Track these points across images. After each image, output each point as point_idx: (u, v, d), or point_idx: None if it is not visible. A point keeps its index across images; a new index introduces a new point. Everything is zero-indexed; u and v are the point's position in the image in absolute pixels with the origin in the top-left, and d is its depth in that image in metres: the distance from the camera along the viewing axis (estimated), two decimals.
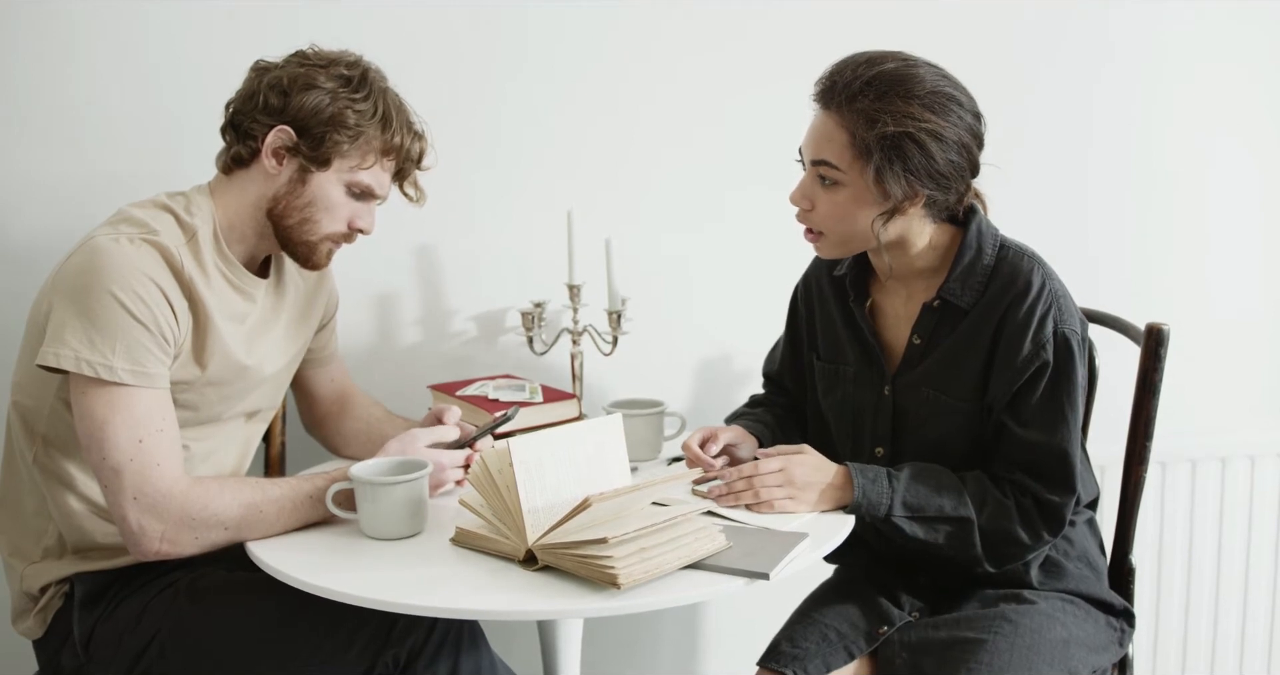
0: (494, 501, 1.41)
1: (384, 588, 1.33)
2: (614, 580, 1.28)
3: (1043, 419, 1.55)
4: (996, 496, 1.56)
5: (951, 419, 1.60)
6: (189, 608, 1.53)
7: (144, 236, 1.49)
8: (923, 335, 1.63)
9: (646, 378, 2.21)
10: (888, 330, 1.69)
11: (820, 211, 1.57)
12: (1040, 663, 1.49)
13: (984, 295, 1.58)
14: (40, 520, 1.58)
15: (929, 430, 1.63)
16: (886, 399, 1.66)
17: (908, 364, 1.65)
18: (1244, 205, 2.46)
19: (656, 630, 2.38)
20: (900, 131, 1.48)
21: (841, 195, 1.54)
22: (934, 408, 1.61)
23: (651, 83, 2.17)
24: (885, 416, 1.66)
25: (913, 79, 1.50)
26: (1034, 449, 1.55)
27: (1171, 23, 2.34)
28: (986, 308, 1.57)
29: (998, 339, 1.56)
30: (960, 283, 1.59)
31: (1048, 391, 1.54)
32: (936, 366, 1.61)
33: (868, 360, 1.69)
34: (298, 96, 1.55)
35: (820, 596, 1.73)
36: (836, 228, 1.57)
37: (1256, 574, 2.46)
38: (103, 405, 1.43)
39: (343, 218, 1.61)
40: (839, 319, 1.74)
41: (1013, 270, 1.57)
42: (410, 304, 2.13)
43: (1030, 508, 1.55)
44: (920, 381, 1.63)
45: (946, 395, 1.60)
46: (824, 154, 1.53)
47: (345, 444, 1.87)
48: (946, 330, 1.61)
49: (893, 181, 1.50)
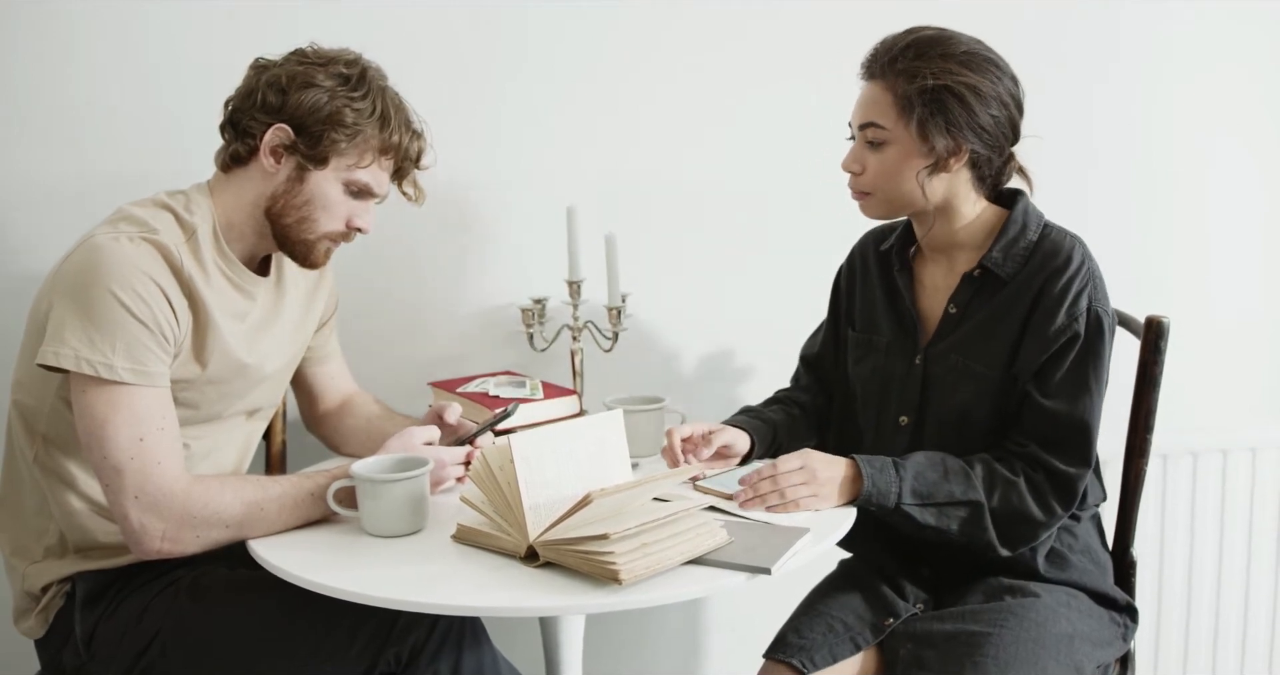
0: (495, 498, 1.41)
1: (385, 585, 1.33)
2: (616, 576, 1.28)
3: (1067, 390, 1.57)
4: (1005, 476, 1.57)
5: (976, 386, 1.63)
6: (190, 606, 1.53)
7: (143, 235, 1.49)
8: (959, 304, 1.67)
9: (647, 374, 2.21)
10: (925, 300, 1.73)
11: (869, 172, 1.63)
12: (1045, 657, 1.50)
13: (1024, 267, 1.62)
14: (41, 519, 1.59)
15: (954, 398, 1.65)
16: (917, 368, 1.69)
17: (941, 334, 1.68)
18: (1245, 202, 2.45)
19: (659, 626, 2.38)
20: (940, 84, 1.55)
21: (889, 153, 1.61)
22: (960, 375, 1.64)
23: (653, 79, 2.17)
24: (914, 385, 1.69)
25: (950, 40, 1.59)
26: (1055, 418, 1.57)
27: (1173, 22, 2.34)
28: (1026, 279, 1.61)
29: (1033, 310, 1.59)
30: (1003, 253, 1.63)
31: (1075, 364, 1.58)
32: (969, 335, 1.65)
33: (902, 330, 1.73)
34: (296, 94, 1.55)
35: (826, 589, 1.74)
36: (885, 185, 1.63)
37: (1258, 567, 2.46)
38: (103, 404, 1.43)
39: (341, 216, 1.61)
40: (879, 291, 1.79)
41: (1055, 245, 1.61)
42: (410, 301, 2.13)
43: (1041, 482, 1.57)
44: (950, 350, 1.66)
45: (974, 362, 1.63)
46: (870, 116, 1.61)
47: (346, 442, 1.87)
48: (983, 300, 1.65)
49: (936, 133, 1.57)
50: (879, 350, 1.76)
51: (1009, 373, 1.61)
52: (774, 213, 2.24)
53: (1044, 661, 1.49)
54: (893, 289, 1.76)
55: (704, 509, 1.47)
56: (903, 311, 1.74)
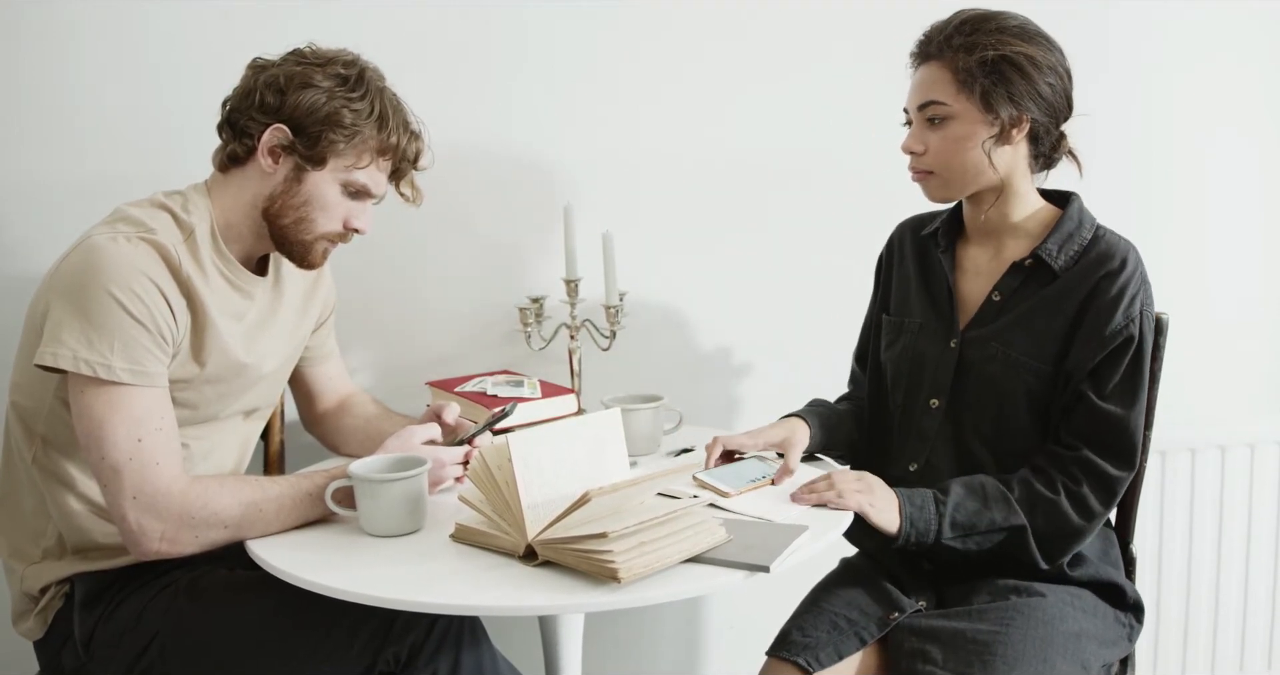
0: (493, 497, 1.41)
1: (384, 585, 1.33)
2: (614, 574, 1.28)
3: (1122, 393, 1.59)
4: (1045, 496, 1.59)
5: (1016, 376, 1.64)
6: (189, 607, 1.53)
7: (141, 235, 1.48)
8: (1004, 292, 1.68)
9: (645, 372, 2.21)
10: (966, 285, 1.74)
11: (933, 149, 1.64)
12: (1054, 655, 1.49)
13: (1077, 263, 1.63)
14: (40, 520, 1.59)
15: (991, 386, 1.66)
16: (952, 351, 1.70)
17: (980, 320, 1.69)
18: (1244, 197, 2.45)
19: (658, 624, 2.38)
20: (999, 55, 1.58)
21: (952, 128, 1.62)
22: (1001, 364, 1.65)
23: (650, 77, 2.17)
24: (947, 369, 1.70)
25: (1001, 15, 1.63)
26: (1109, 421, 1.59)
27: (1171, 16, 2.34)
28: (1079, 275, 1.62)
29: (1086, 307, 1.60)
30: (1058, 245, 1.64)
31: (1130, 367, 1.59)
32: (1012, 325, 1.65)
33: (937, 312, 1.74)
34: (294, 95, 1.55)
35: (828, 585, 1.74)
36: (950, 162, 1.64)
37: (1257, 562, 2.46)
38: (101, 404, 1.43)
39: (338, 217, 1.61)
40: (915, 272, 1.80)
41: (1110, 246, 1.63)
42: (408, 300, 2.13)
43: (1084, 491, 1.58)
44: (991, 337, 1.66)
45: (1014, 351, 1.64)
46: (929, 95, 1.62)
47: (344, 441, 1.87)
48: (1030, 290, 1.66)
49: (1000, 103, 1.59)
50: (911, 332, 1.77)
51: (1056, 367, 1.62)
52: (772, 211, 2.24)
53: (1053, 659, 1.49)
54: (930, 271, 1.78)
55: (704, 506, 1.47)
56: (939, 293, 1.75)
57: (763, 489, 1.64)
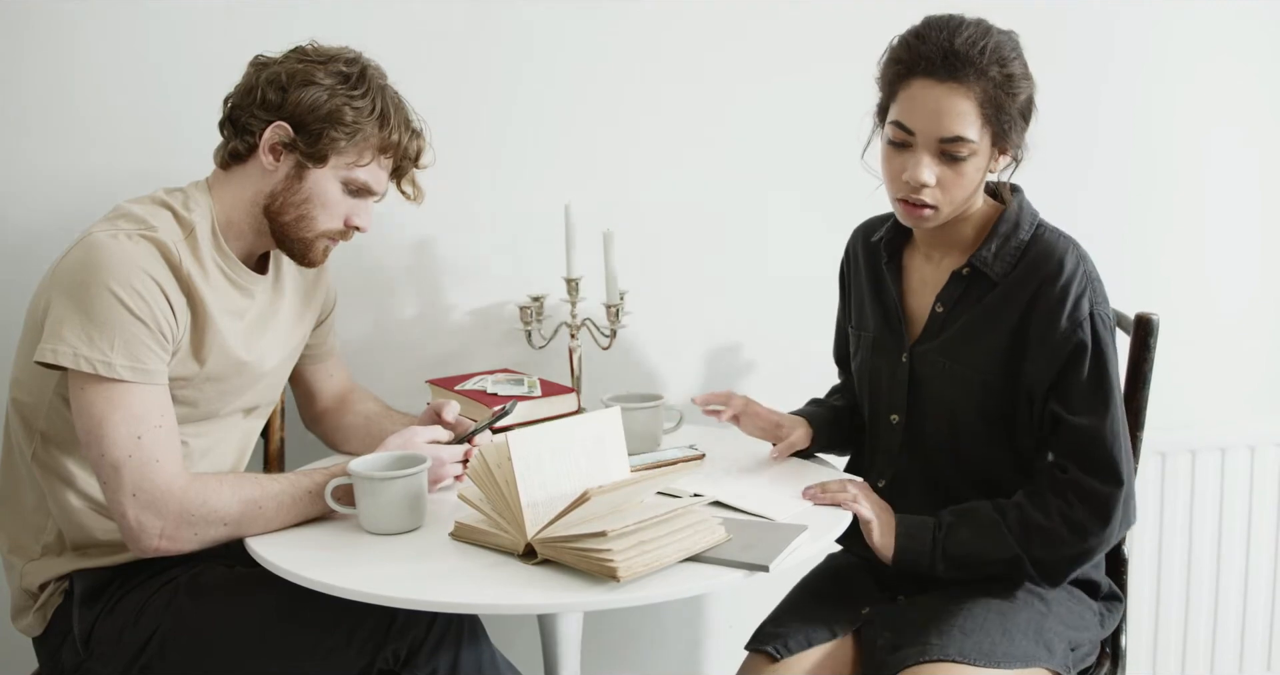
0: (493, 496, 1.41)
1: (383, 583, 1.33)
2: (613, 573, 1.28)
3: (1090, 405, 1.53)
4: (1039, 523, 1.54)
5: (966, 391, 1.60)
6: (189, 604, 1.53)
7: (142, 232, 1.49)
8: (946, 303, 1.63)
9: (645, 371, 2.21)
10: (913, 297, 1.69)
11: (946, 186, 1.54)
12: (1014, 630, 1.50)
13: (1015, 269, 1.57)
14: (39, 517, 1.59)
15: (943, 401, 1.63)
16: (904, 366, 1.66)
17: (928, 333, 1.64)
18: (1243, 198, 2.45)
19: (657, 623, 2.38)
20: (1029, 96, 1.54)
21: (972, 166, 1.53)
22: (948, 378, 1.61)
23: (652, 76, 2.16)
24: (901, 384, 1.66)
25: (1011, 40, 1.55)
26: (1083, 435, 1.53)
27: (1173, 17, 2.34)
28: (1017, 283, 1.57)
29: (1029, 317, 1.55)
30: (994, 252, 1.58)
31: (1093, 376, 1.53)
32: (956, 336, 1.61)
33: (889, 326, 1.69)
34: (295, 92, 1.55)
35: (809, 584, 1.75)
36: (957, 198, 1.56)
37: (1256, 564, 2.46)
38: (101, 401, 1.43)
39: (339, 215, 1.61)
40: (867, 283, 1.75)
41: (1048, 248, 1.57)
42: (408, 299, 2.13)
43: (1073, 514, 1.53)
44: (937, 351, 1.63)
45: (961, 365, 1.60)
46: (957, 129, 1.50)
47: (344, 439, 1.87)
48: (971, 300, 1.61)
49: (1017, 140, 1.55)
50: (867, 346, 1.73)
51: (1006, 380, 1.58)
52: (772, 209, 2.24)
53: (1012, 633, 1.49)
54: (880, 282, 1.72)
55: (704, 505, 1.47)
56: (889, 307, 1.70)
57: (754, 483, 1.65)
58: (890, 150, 1.56)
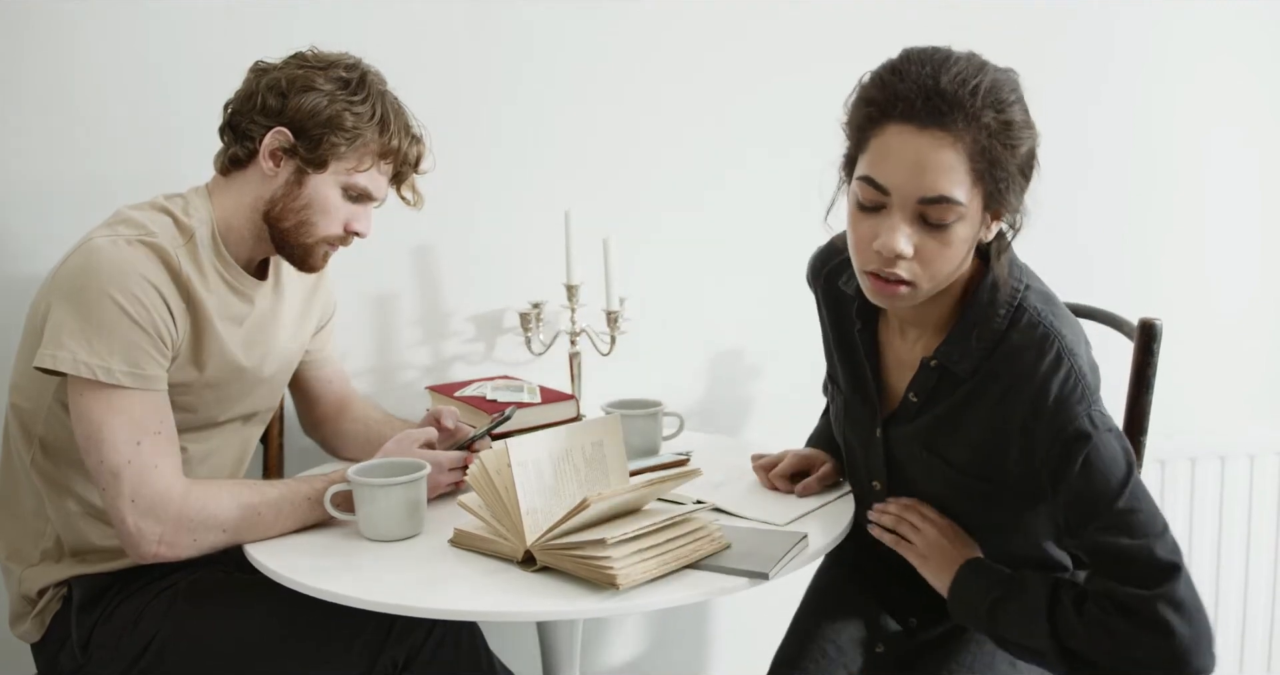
0: (492, 502, 1.41)
1: (382, 589, 1.33)
2: (613, 581, 1.28)
3: (1121, 524, 1.24)
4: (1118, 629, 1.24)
5: (945, 481, 1.43)
6: (187, 610, 1.53)
7: (141, 238, 1.48)
8: (920, 394, 1.42)
9: (644, 378, 2.21)
10: (888, 373, 1.48)
11: (931, 260, 1.27)
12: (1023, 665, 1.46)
13: (987, 361, 1.33)
14: (38, 523, 1.58)
15: (927, 489, 1.47)
16: (878, 441, 1.48)
17: (901, 417, 1.45)
18: (1243, 202, 2.45)
19: (656, 630, 2.38)
20: (1030, 148, 1.27)
21: (958, 235, 1.26)
22: (930, 471, 1.44)
23: (649, 81, 2.17)
24: (878, 457, 1.50)
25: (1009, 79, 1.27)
26: (1122, 556, 1.24)
27: (1172, 19, 2.34)
28: (988, 377, 1.34)
29: (1004, 416, 1.32)
30: (961, 346, 1.35)
31: (1110, 499, 1.25)
32: (933, 429, 1.41)
33: (861, 396, 1.50)
34: (295, 98, 1.55)
35: (814, 605, 1.67)
36: (940, 273, 1.29)
37: (1256, 573, 2.46)
38: (100, 407, 1.43)
39: (339, 220, 1.61)
40: (835, 339, 1.55)
41: (1021, 346, 1.31)
42: (408, 305, 2.13)
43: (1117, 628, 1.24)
44: (914, 438, 1.44)
45: (944, 462, 1.41)
46: (943, 188, 1.23)
47: (344, 446, 1.87)
48: (945, 393, 1.39)
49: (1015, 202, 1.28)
50: (839, 404, 1.56)
51: (1007, 486, 1.37)
52: (772, 216, 2.24)
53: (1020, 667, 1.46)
54: (849, 345, 1.51)
55: (704, 512, 1.47)
56: (862, 379, 1.49)
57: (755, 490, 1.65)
58: (859, 213, 1.30)
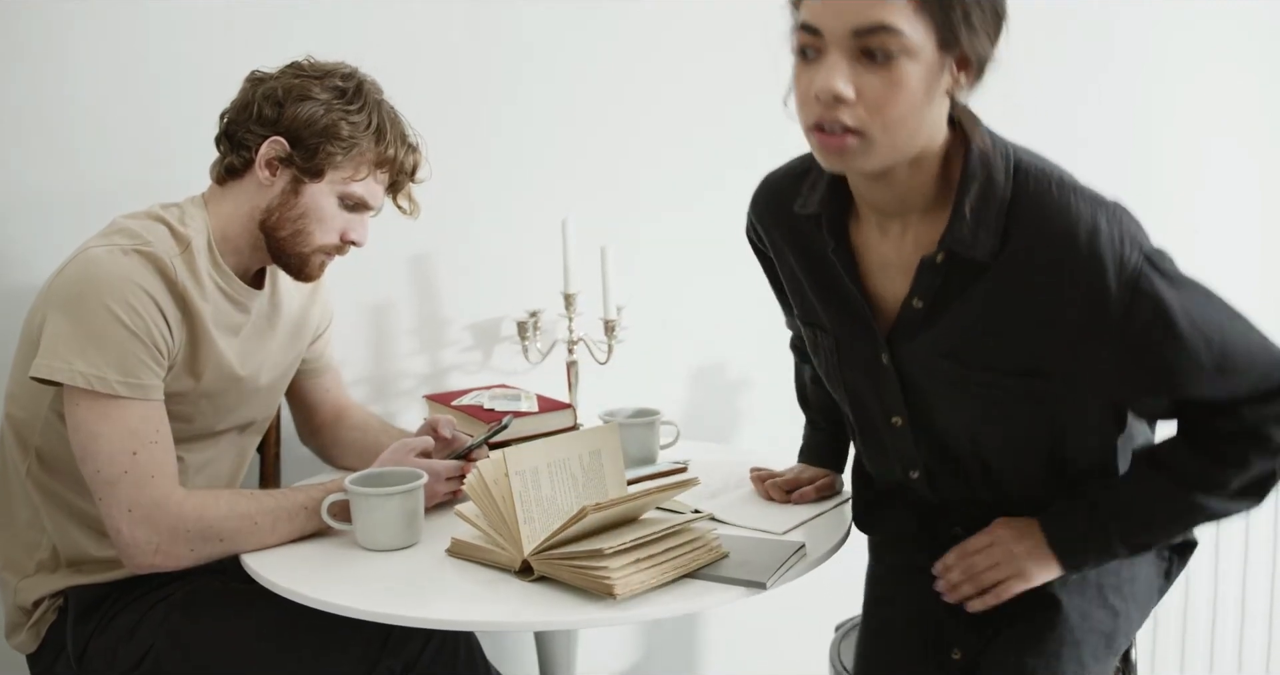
0: (489, 512, 1.41)
1: (379, 599, 1.33)
2: (610, 590, 1.27)
3: (1227, 363, 1.18)
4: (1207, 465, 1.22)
5: (988, 396, 1.24)
6: (183, 620, 1.53)
7: (137, 248, 1.48)
8: (926, 297, 1.24)
9: (642, 387, 2.21)
10: (873, 281, 1.29)
11: (878, 103, 1.12)
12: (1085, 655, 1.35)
13: (1008, 240, 1.17)
14: (34, 533, 1.58)
15: (957, 413, 1.29)
16: (887, 370, 1.29)
17: (906, 330, 1.27)
18: (1241, 205, 2.46)
19: (652, 638, 2.37)
20: None
21: (908, 72, 1.11)
22: (962, 386, 1.25)
23: (647, 92, 2.17)
24: (891, 387, 1.31)
25: None
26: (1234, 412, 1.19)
27: (1169, 22, 2.34)
28: (1018, 264, 1.17)
29: (1058, 307, 1.17)
30: (972, 226, 1.18)
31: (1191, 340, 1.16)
32: (954, 334, 1.23)
33: (853, 323, 1.31)
34: (292, 107, 1.55)
35: (874, 653, 1.51)
36: (894, 118, 1.13)
37: (1254, 577, 2.46)
38: (96, 417, 1.43)
39: (335, 229, 1.61)
40: (801, 270, 1.36)
41: (1038, 208, 1.17)
42: (405, 314, 2.13)
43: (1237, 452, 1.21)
44: (933, 351, 1.25)
45: (983, 369, 1.23)
46: (876, 15, 1.09)
47: (341, 455, 1.86)
48: (958, 287, 1.22)
49: (981, 45, 1.13)
50: (828, 349, 1.36)
51: (1052, 380, 1.22)
52: None
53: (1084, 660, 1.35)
54: (823, 270, 1.33)
55: (702, 521, 1.47)
56: (848, 299, 1.30)
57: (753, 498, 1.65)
58: (800, 67, 1.18)
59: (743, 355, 2.29)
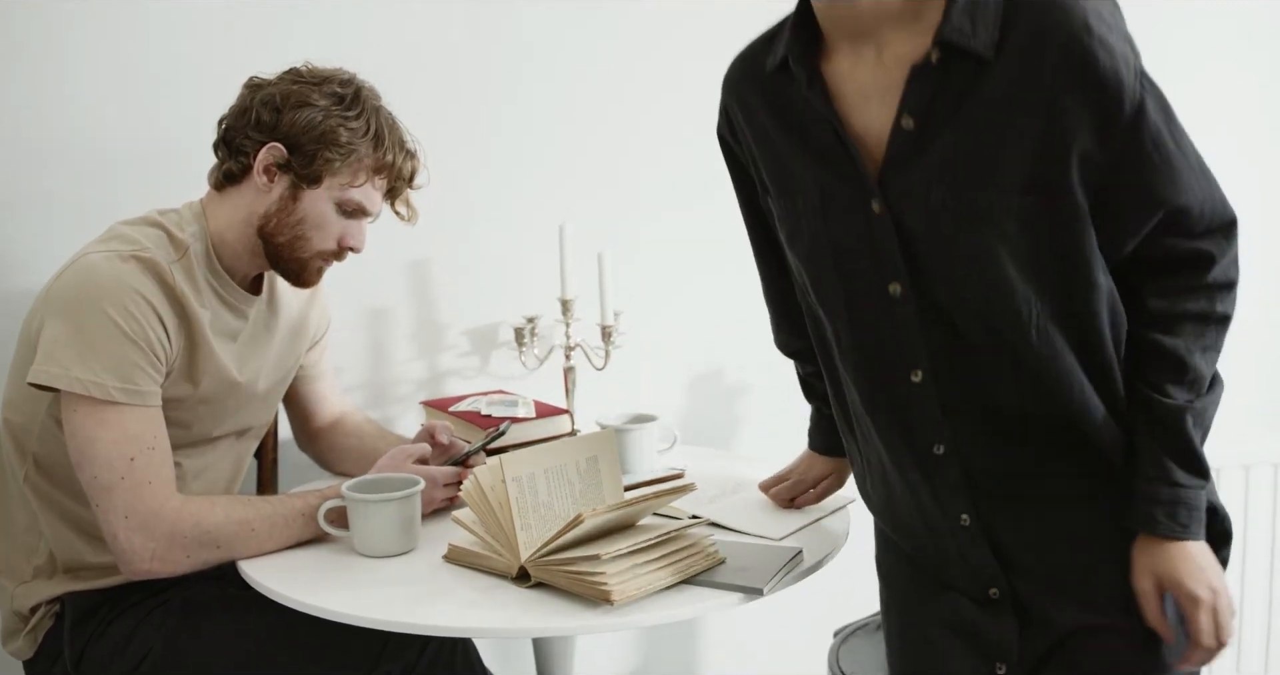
0: (486, 518, 1.41)
1: (376, 606, 1.33)
2: (607, 597, 1.27)
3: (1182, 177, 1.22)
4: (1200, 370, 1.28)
5: (990, 224, 1.13)
6: (180, 627, 1.53)
7: (135, 253, 1.48)
8: (917, 113, 1.14)
9: (639, 392, 2.21)
10: (855, 115, 1.19)
11: None
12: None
13: (1008, 31, 1.09)
14: (31, 539, 1.58)
15: (959, 252, 1.15)
16: (882, 220, 1.17)
17: (898, 161, 1.16)
18: (1242, 206, 2.45)
19: (649, 643, 2.37)
20: None
21: None
22: (959, 215, 1.14)
23: (644, 97, 2.17)
24: (889, 248, 1.18)
25: None
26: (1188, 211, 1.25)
27: (1174, 21, 2.34)
28: (1022, 52, 1.09)
29: (1069, 97, 1.09)
30: (969, 15, 1.10)
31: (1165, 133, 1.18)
32: (950, 154, 1.14)
33: (835, 170, 1.20)
34: (290, 113, 1.55)
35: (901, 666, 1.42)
36: None
37: (1252, 584, 2.46)
38: (94, 423, 1.43)
39: (333, 235, 1.61)
40: (777, 132, 1.26)
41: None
42: (402, 319, 2.13)
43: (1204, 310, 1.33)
44: (926, 180, 1.15)
45: (974, 190, 1.13)
46: None
47: (338, 461, 1.86)
48: (954, 95, 1.13)
49: None
50: (810, 213, 1.23)
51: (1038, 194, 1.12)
52: None
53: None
54: (798, 119, 1.23)
55: (700, 527, 1.47)
56: (825, 143, 1.20)
57: (751, 503, 1.65)
58: None
59: (740, 361, 2.29)
